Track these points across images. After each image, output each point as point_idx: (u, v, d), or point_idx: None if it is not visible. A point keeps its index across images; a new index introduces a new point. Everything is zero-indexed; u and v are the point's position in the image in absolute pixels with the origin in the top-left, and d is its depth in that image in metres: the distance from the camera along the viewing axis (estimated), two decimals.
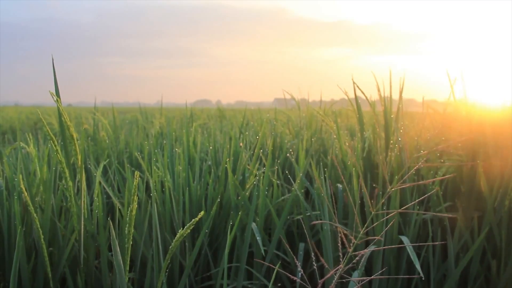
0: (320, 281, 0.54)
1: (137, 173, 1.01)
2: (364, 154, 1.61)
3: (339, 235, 0.53)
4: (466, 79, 1.53)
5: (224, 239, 1.54)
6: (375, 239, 1.40)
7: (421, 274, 1.09)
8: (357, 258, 0.55)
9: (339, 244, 0.59)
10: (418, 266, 1.11)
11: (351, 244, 0.54)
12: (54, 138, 1.16)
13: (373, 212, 0.52)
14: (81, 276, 1.27)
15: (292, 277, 0.56)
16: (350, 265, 1.37)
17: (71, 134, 1.20)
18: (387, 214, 1.42)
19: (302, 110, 2.81)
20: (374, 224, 0.62)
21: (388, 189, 0.52)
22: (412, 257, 1.16)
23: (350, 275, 1.43)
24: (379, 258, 1.40)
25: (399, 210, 0.51)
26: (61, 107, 1.17)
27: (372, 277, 0.57)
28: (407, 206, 0.57)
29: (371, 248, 1.30)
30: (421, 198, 0.59)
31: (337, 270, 0.58)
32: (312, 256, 0.59)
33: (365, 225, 0.53)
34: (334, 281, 0.55)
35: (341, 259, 0.55)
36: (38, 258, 1.27)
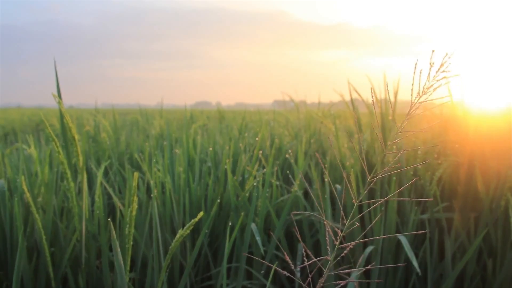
0: (311, 278, 0.56)
1: (136, 174, 1.02)
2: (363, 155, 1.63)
3: (326, 229, 0.55)
4: (463, 81, 1.54)
5: (224, 240, 1.55)
6: (373, 239, 1.41)
7: (418, 270, 1.11)
8: (345, 251, 0.56)
9: (327, 239, 0.60)
10: (415, 263, 1.13)
11: (338, 237, 0.56)
12: (56, 139, 1.17)
13: (356, 203, 0.54)
14: (83, 276, 1.28)
15: (290, 275, 0.58)
16: (348, 265, 1.39)
17: (73, 136, 1.22)
18: (386, 213, 1.43)
19: (301, 112, 2.83)
20: (363, 211, 0.63)
21: (368, 179, 0.54)
22: (408, 253, 1.18)
23: (349, 275, 1.44)
24: (377, 258, 1.41)
25: (384, 199, 0.53)
26: (63, 108, 1.19)
27: (364, 268, 0.59)
28: (387, 195, 0.58)
29: (369, 247, 1.31)
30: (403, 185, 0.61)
31: (325, 263, 0.60)
32: (303, 254, 0.61)
33: (349, 219, 0.55)
34: (324, 273, 0.56)
35: (328, 252, 0.57)
36: (40, 258, 1.29)
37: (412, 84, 0.57)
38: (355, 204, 0.51)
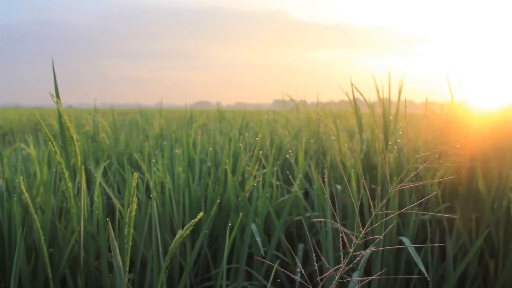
0: (321, 281, 0.55)
1: (135, 173, 1.01)
2: (362, 155, 1.62)
3: (340, 235, 0.54)
4: (465, 81, 1.54)
5: (224, 240, 1.54)
6: (374, 240, 1.40)
7: (427, 275, 1.10)
8: (358, 258, 0.56)
9: (340, 244, 0.59)
10: (422, 267, 1.12)
11: (352, 244, 0.55)
12: (52, 139, 1.16)
13: (374, 213, 0.53)
14: (81, 277, 1.27)
15: (291, 275, 0.57)
16: (349, 266, 1.39)
17: (71, 135, 1.21)
18: (387, 215, 1.43)
19: (301, 112, 2.82)
20: (374, 225, 0.63)
21: (389, 190, 0.53)
22: (414, 257, 1.17)
23: (350, 276, 1.43)
24: (378, 259, 1.40)
25: (400, 211, 0.52)
26: (61, 108, 1.18)
27: (372, 277, 0.58)
28: (406, 208, 0.58)
29: (371, 248, 1.30)
30: (421, 200, 0.60)
31: (337, 269, 0.59)
32: (313, 256, 0.60)
33: (366, 226, 0.54)
34: (334, 281, 0.55)
35: (342, 259, 0.56)
36: (39, 259, 1.28)
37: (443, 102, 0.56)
38: (374, 213, 0.50)
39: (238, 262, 1.44)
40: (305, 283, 0.68)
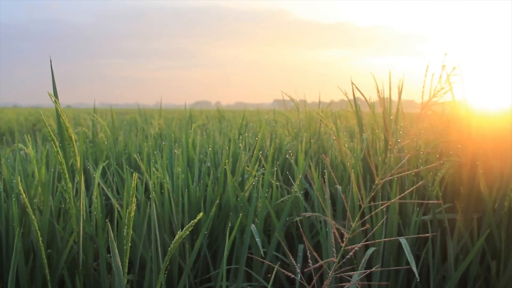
0: (320, 281, 0.54)
1: (135, 174, 1.01)
2: (362, 155, 1.61)
3: (332, 230, 0.53)
4: (466, 81, 1.53)
5: (223, 241, 1.54)
6: (373, 240, 1.39)
7: (417, 276, 1.09)
8: (350, 253, 0.55)
9: (332, 240, 0.58)
10: (415, 268, 1.11)
11: (344, 239, 0.54)
12: (55, 139, 1.15)
13: (363, 206, 0.52)
14: (80, 278, 1.26)
15: (291, 275, 0.56)
16: (350, 266, 1.37)
17: (70, 136, 1.20)
18: (388, 215, 1.42)
19: (301, 112, 2.81)
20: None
21: (376, 182, 0.52)
22: (408, 258, 1.16)
23: (351, 277, 1.42)
24: (379, 259, 1.40)
25: (391, 201, 0.51)
26: (59, 108, 1.16)
27: (369, 270, 0.57)
28: (402, 195, 0.57)
29: (370, 248, 1.29)
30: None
31: (332, 266, 0.58)
32: (308, 254, 0.59)
33: (356, 221, 0.53)
34: (329, 276, 0.54)
35: (334, 255, 0.55)
36: (37, 260, 1.27)
37: (423, 86, 0.55)
38: (362, 206, 0.49)
39: (238, 262, 1.43)
40: (305, 284, 0.67)
